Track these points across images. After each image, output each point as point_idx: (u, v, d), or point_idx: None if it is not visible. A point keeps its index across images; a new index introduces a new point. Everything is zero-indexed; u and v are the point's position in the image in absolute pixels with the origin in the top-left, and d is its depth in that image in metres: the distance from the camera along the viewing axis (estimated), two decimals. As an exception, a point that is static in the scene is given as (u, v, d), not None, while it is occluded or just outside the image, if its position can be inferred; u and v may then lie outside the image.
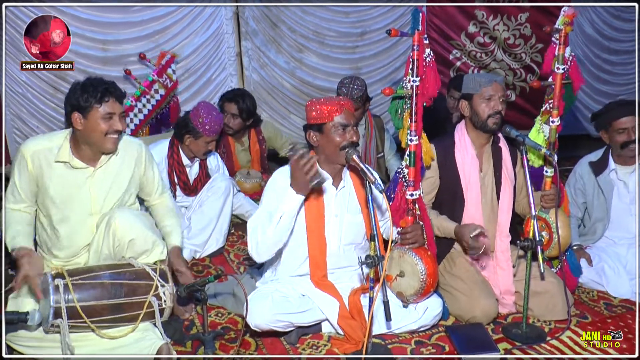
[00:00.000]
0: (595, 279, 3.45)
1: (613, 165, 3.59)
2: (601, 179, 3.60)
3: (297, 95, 5.98)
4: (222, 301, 3.22)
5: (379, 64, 6.16)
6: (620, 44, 6.87)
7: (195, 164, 4.02)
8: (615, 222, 3.59)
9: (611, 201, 3.58)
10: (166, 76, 4.76)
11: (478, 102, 3.05)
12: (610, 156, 3.60)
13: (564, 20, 2.98)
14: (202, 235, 3.90)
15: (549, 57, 3.09)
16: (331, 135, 2.76)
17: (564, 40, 3.01)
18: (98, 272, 2.62)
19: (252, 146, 4.83)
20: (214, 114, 3.86)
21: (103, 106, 2.68)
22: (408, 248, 2.84)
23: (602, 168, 3.61)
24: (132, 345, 2.56)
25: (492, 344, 2.78)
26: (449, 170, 3.14)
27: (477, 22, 6.29)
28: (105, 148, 2.76)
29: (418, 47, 2.71)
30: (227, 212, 4.00)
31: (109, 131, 2.71)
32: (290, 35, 5.81)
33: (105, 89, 2.69)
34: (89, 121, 2.69)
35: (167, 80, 4.76)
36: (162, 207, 3.15)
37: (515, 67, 6.54)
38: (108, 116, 2.69)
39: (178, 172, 3.94)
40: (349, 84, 4.16)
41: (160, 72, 4.70)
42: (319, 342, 2.86)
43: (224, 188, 3.96)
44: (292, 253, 2.89)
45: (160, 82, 4.69)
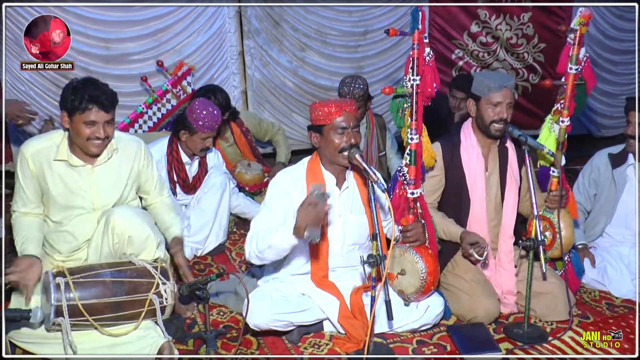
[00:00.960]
0: (598, 278, 3.45)
1: (632, 160, 3.57)
2: (617, 172, 3.59)
3: (300, 94, 5.98)
4: (224, 300, 3.22)
5: (381, 63, 6.16)
6: (622, 44, 6.87)
7: (195, 161, 4.02)
8: (618, 218, 3.59)
9: (620, 196, 3.57)
10: (180, 88, 4.75)
11: (484, 107, 3.03)
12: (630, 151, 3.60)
13: (579, 20, 2.96)
14: (202, 232, 3.90)
15: (563, 57, 3.07)
16: (330, 137, 2.76)
17: (578, 40, 2.99)
18: (99, 270, 2.62)
19: (238, 140, 4.77)
20: (210, 109, 3.84)
21: (86, 113, 2.65)
22: (409, 246, 2.84)
23: (621, 161, 3.60)
24: (133, 343, 2.56)
25: (494, 344, 2.78)
26: (454, 169, 3.13)
27: (480, 22, 6.28)
28: (89, 151, 2.75)
29: (418, 45, 2.71)
30: (224, 207, 4.00)
31: (91, 137, 2.69)
32: (293, 34, 5.81)
33: (90, 96, 2.64)
34: (73, 123, 2.69)
35: (181, 92, 4.75)
36: (161, 206, 3.15)
37: (518, 66, 6.54)
38: (90, 124, 2.67)
39: (177, 170, 3.93)
40: (351, 83, 4.15)
41: (175, 83, 4.69)
42: (321, 341, 2.86)
43: (220, 183, 3.96)
44: (295, 253, 2.88)
45: (173, 92, 4.68)
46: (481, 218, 3.12)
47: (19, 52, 4.84)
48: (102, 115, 2.68)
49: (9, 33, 4.80)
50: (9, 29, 4.80)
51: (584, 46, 3.05)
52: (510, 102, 3.00)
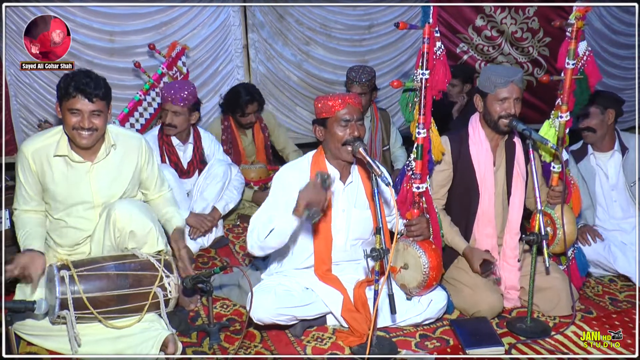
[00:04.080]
0: (604, 254, 3.49)
1: (591, 151, 3.72)
2: (581, 165, 3.71)
3: (304, 88, 5.98)
4: (228, 293, 3.23)
5: (386, 57, 6.14)
6: (628, 38, 6.84)
7: (189, 146, 4.02)
8: (601, 209, 3.70)
9: (594, 188, 3.69)
10: (176, 69, 4.71)
11: (492, 102, 3.00)
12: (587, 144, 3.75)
13: (576, 14, 2.95)
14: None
15: (562, 52, 3.06)
16: (334, 129, 2.76)
17: (575, 34, 2.98)
18: (103, 263, 2.63)
19: (256, 135, 4.82)
20: (178, 85, 3.89)
21: (70, 101, 2.65)
22: (413, 240, 2.84)
23: (582, 155, 3.74)
24: (137, 336, 2.57)
25: (497, 338, 2.78)
26: (463, 163, 3.12)
27: (485, 16, 6.26)
28: (77, 142, 2.74)
29: (428, 39, 2.70)
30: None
31: (76, 126, 2.68)
32: (297, 27, 5.80)
33: (76, 84, 2.63)
34: (62, 111, 2.70)
35: (177, 73, 4.70)
36: (161, 200, 3.14)
37: (523, 60, 6.51)
38: (74, 111, 2.66)
39: (168, 153, 3.94)
40: (359, 69, 4.29)
41: (170, 64, 4.65)
42: (324, 334, 2.87)
43: (222, 173, 3.96)
44: (299, 247, 2.90)
45: (170, 75, 4.63)
46: (489, 213, 3.11)
47: (22, 45, 4.83)
48: (85, 104, 2.66)
49: (13, 26, 4.80)
50: (13, 22, 4.80)
51: (584, 41, 3.04)
52: (517, 97, 2.98)
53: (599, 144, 3.69)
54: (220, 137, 4.63)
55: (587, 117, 3.63)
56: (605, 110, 3.61)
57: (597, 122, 3.62)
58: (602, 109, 3.61)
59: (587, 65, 3.08)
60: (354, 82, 4.21)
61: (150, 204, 3.12)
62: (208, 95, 5.63)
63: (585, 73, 3.10)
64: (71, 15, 4.93)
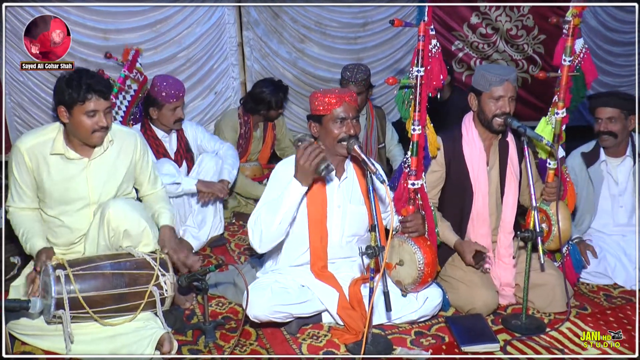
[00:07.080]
0: (599, 269, 3.44)
1: (604, 157, 3.61)
2: (592, 170, 3.61)
3: (299, 86, 5.97)
4: (223, 291, 3.23)
5: (381, 54, 6.13)
6: (623, 35, 6.84)
7: (173, 135, 4.00)
8: (604, 213, 3.63)
9: (600, 193, 3.60)
10: (136, 70, 4.75)
11: (486, 101, 3.00)
12: (601, 147, 3.62)
13: (572, 12, 2.95)
14: (201, 215, 3.92)
15: (559, 49, 3.06)
16: (329, 127, 2.75)
17: (572, 32, 2.99)
18: (99, 262, 2.63)
19: (268, 132, 4.87)
20: (169, 80, 3.88)
21: (86, 103, 2.64)
22: (408, 237, 2.85)
23: (594, 159, 3.62)
24: (133, 334, 2.57)
25: (492, 335, 2.79)
26: (457, 163, 3.12)
27: (480, 13, 6.25)
28: (91, 143, 2.76)
29: (424, 37, 2.71)
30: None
31: (95, 128, 2.69)
32: (292, 25, 5.79)
33: (88, 85, 2.63)
34: (73, 117, 2.67)
35: (138, 75, 4.75)
36: (153, 197, 3.13)
37: (518, 58, 6.51)
38: (92, 113, 2.66)
39: (156, 146, 3.91)
40: (354, 68, 4.27)
41: (130, 67, 4.69)
42: (319, 332, 2.87)
43: (214, 166, 3.94)
44: (294, 243, 2.89)
45: (131, 77, 4.69)
46: (483, 212, 3.12)
47: (18, 43, 4.82)
48: (101, 103, 2.67)
49: (8, 25, 4.78)
50: (8, 21, 4.77)
51: (580, 38, 3.04)
52: (512, 95, 2.98)
53: (614, 148, 3.58)
54: (237, 131, 4.64)
55: (610, 120, 3.47)
56: (630, 115, 3.48)
57: (620, 128, 3.48)
58: (626, 114, 3.47)
59: (583, 62, 3.09)
60: (350, 81, 4.20)
61: (144, 200, 3.11)
62: (203, 93, 5.62)
63: (581, 70, 3.11)
64: (65, 13, 4.90)
